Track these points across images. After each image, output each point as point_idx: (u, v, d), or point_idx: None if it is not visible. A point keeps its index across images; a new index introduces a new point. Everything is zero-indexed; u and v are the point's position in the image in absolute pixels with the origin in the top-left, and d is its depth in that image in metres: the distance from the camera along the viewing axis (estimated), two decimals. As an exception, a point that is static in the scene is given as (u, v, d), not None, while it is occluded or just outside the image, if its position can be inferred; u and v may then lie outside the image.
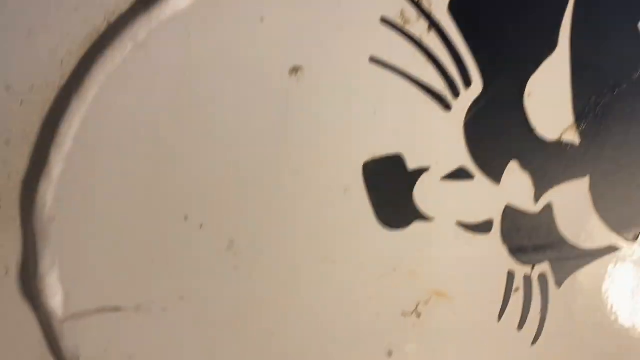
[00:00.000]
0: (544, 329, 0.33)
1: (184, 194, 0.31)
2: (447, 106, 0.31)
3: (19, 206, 0.31)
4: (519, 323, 0.33)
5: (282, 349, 0.32)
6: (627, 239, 0.34)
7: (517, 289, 0.33)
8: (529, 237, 0.32)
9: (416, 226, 0.32)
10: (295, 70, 0.30)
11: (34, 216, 0.31)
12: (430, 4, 0.31)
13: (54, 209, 0.31)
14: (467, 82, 0.31)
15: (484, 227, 0.32)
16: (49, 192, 0.31)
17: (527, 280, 0.33)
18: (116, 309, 0.31)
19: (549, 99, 0.32)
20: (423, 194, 0.32)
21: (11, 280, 0.31)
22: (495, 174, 0.32)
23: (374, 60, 0.31)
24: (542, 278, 0.33)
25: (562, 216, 0.32)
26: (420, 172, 0.32)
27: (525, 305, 0.33)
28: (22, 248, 0.31)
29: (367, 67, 0.31)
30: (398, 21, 0.31)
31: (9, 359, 0.32)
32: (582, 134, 0.32)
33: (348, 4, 0.30)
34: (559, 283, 0.33)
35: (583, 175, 0.33)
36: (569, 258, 0.33)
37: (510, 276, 0.32)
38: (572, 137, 0.32)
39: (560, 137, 0.32)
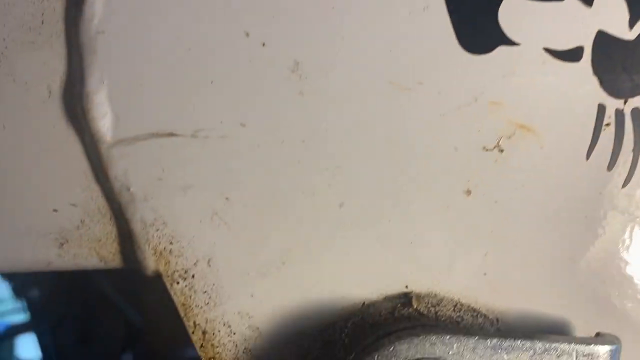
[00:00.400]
0: (636, 170, 0.30)
1: (244, 6, 0.28)
2: None
3: (64, 19, 0.28)
4: (609, 163, 0.30)
5: (350, 183, 0.29)
6: None
7: (607, 125, 0.30)
8: (622, 67, 0.29)
9: (500, 51, 0.29)
10: None
11: (80, 29, 0.28)
12: None
13: (103, 21, 0.28)
14: None
15: (573, 55, 0.29)
16: (97, 2, 0.28)
17: (619, 114, 0.30)
18: (171, 135, 0.28)
19: None
20: (509, 15, 0.29)
21: (55, 102, 0.28)
22: (587, -5, 0.29)
23: None
24: (636, 113, 0.30)
25: (659, 44, 0.30)
26: (506, -11, 0.29)
27: (617, 143, 0.30)
28: (67, 67, 0.28)
29: None
30: None
31: (51, 192, 0.29)
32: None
33: None
34: (653, 119, 0.30)
35: (683, -1, 0.30)
36: (665, 91, 0.30)
37: (601, 110, 0.30)
38: (673, -45, 0.29)
39: (660, -46, 0.29)
